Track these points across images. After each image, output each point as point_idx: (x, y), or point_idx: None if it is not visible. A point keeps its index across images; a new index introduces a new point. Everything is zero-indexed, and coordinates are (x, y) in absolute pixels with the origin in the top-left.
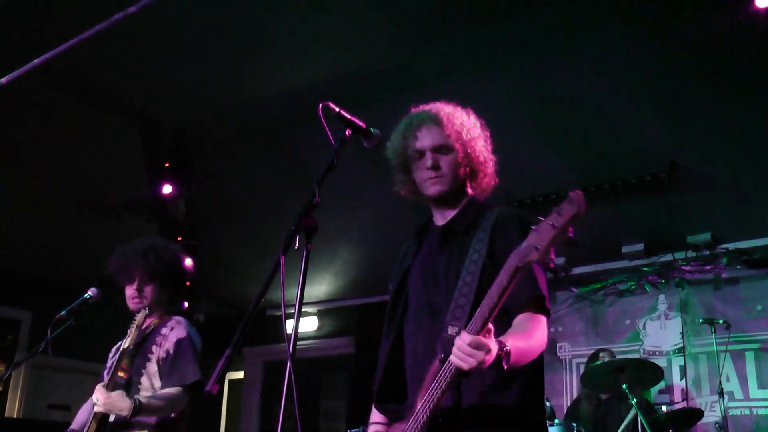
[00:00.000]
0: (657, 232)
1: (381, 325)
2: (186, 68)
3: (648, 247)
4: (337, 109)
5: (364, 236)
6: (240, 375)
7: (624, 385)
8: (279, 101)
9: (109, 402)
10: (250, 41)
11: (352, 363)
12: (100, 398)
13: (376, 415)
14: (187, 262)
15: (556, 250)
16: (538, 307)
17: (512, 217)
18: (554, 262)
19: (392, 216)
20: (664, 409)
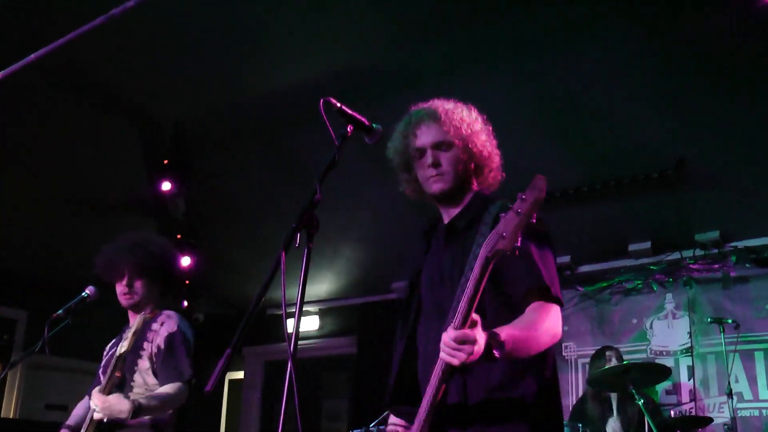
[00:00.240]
0: (664, 230)
1: (383, 324)
2: (185, 67)
3: (655, 245)
4: (339, 105)
5: (366, 234)
6: (240, 375)
7: (631, 388)
8: (279, 100)
9: (107, 406)
10: (250, 40)
11: (354, 363)
12: (98, 403)
13: (393, 417)
14: (185, 260)
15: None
16: (545, 297)
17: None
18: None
19: (394, 214)
20: (672, 414)
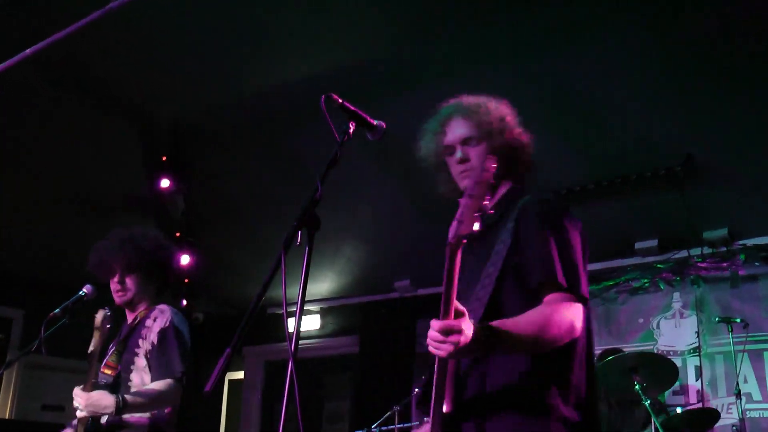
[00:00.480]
0: (671, 228)
1: (385, 324)
2: (185, 66)
3: (662, 244)
4: (340, 101)
5: (368, 233)
6: (240, 375)
7: (637, 386)
8: (279, 99)
9: (90, 403)
10: (251, 38)
11: (356, 363)
12: (81, 401)
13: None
14: (184, 259)
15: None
16: (560, 290)
17: (534, 202)
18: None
19: (396, 212)
20: (678, 410)
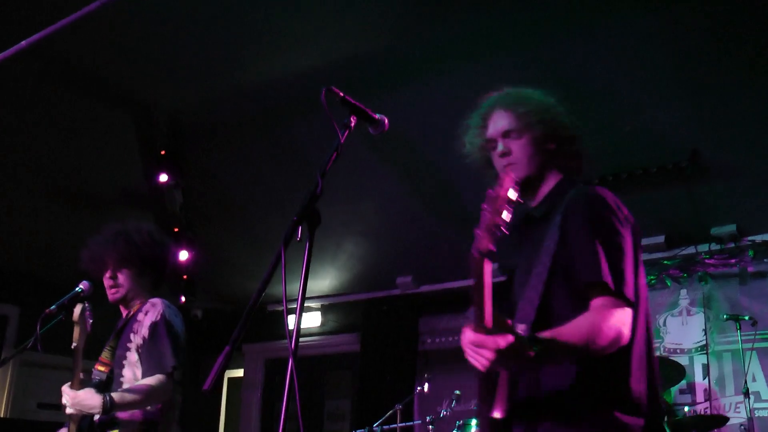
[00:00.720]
0: (678, 224)
1: (387, 321)
2: (182, 58)
3: (669, 240)
4: (341, 94)
5: (370, 228)
6: (240, 373)
7: None
8: (279, 90)
9: (77, 401)
10: (249, 28)
11: (357, 361)
12: (68, 399)
13: None
14: (183, 254)
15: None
16: (607, 293)
17: (580, 197)
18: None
19: (399, 207)
20: (686, 410)
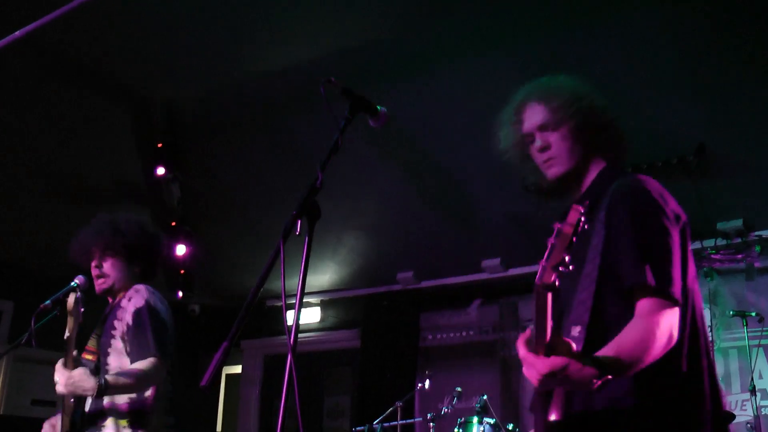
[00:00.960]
0: None
1: (388, 317)
2: (181, 49)
3: None
4: (342, 86)
5: (370, 222)
6: (238, 369)
7: None
8: (279, 83)
9: (71, 382)
10: (249, 18)
11: (357, 357)
12: (61, 379)
13: None
14: (180, 249)
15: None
16: (652, 294)
17: (623, 192)
18: None
19: (400, 201)
20: None
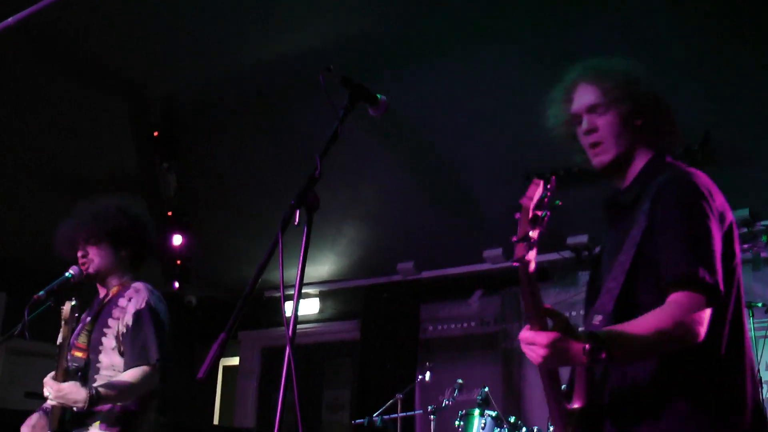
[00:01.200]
0: None
1: (388, 308)
2: (178, 37)
3: None
4: (341, 75)
5: (370, 212)
6: (235, 361)
7: None
8: (277, 73)
9: (61, 394)
10: (246, 7)
11: (357, 349)
12: (52, 391)
13: None
14: (176, 239)
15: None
16: (684, 287)
17: (671, 184)
18: (575, 240)
19: (400, 191)
20: None
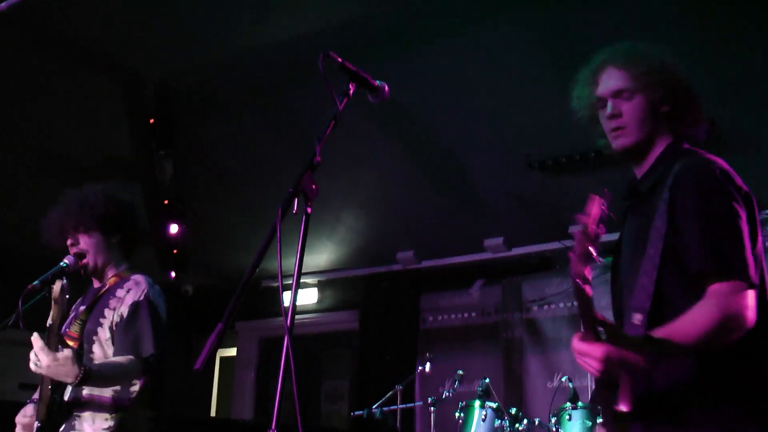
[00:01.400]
0: None
1: (388, 298)
2: (174, 21)
3: None
4: (340, 60)
5: (370, 200)
6: (232, 352)
7: None
8: (275, 57)
9: (54, 365)
10: None
11: (356, 339)
12: (44, 360)
13: None
14: (173, 228)
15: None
16: (717, 279)
17: (688, 171)
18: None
19: (400, 178)
20: None
